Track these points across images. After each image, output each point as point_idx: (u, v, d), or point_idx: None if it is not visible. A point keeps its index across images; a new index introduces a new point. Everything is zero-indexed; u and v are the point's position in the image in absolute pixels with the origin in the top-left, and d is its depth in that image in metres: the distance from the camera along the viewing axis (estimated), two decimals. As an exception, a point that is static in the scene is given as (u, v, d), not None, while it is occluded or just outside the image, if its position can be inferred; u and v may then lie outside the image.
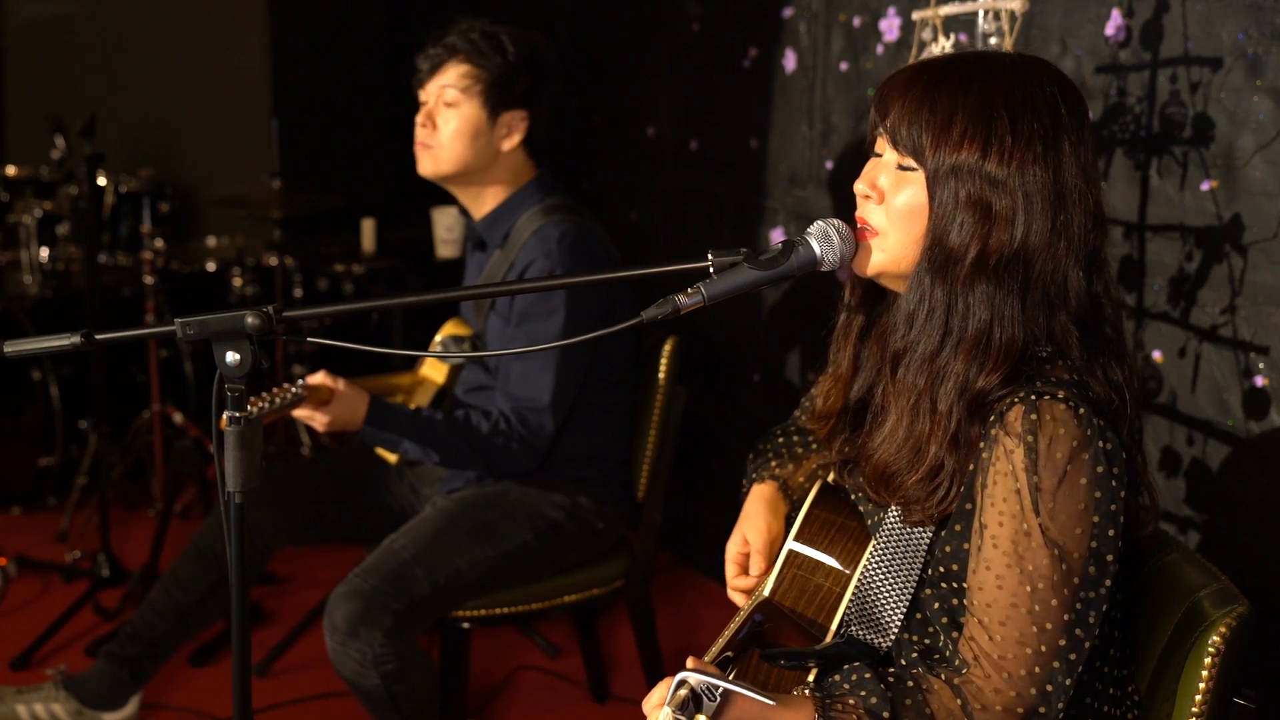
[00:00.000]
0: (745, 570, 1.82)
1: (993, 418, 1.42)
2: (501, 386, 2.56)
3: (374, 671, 2.34)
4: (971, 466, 1.45)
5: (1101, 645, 1.52)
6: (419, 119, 2.62)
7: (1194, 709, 1.44)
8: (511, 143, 2.62)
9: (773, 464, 1.87)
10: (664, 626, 3.02)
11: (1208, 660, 1.43)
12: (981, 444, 1.43)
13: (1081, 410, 1.38)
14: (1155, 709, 1.53)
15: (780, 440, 1.90)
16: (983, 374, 1.42)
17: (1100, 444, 1.38)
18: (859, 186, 1.51)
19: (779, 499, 1.84)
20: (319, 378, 2.37)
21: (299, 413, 2.36)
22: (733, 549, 1.83)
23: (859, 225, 1.51)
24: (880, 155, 1.51)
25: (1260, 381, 2.12)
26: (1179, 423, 2.27)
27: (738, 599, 1.82)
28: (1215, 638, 1.43)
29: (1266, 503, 2.13)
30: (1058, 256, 1.43)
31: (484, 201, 2.69)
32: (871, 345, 1.63)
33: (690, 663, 1.38)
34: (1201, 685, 1.43)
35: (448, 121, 2.58)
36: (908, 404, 1.48)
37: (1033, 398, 1.39)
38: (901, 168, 1.47)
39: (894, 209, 1.48)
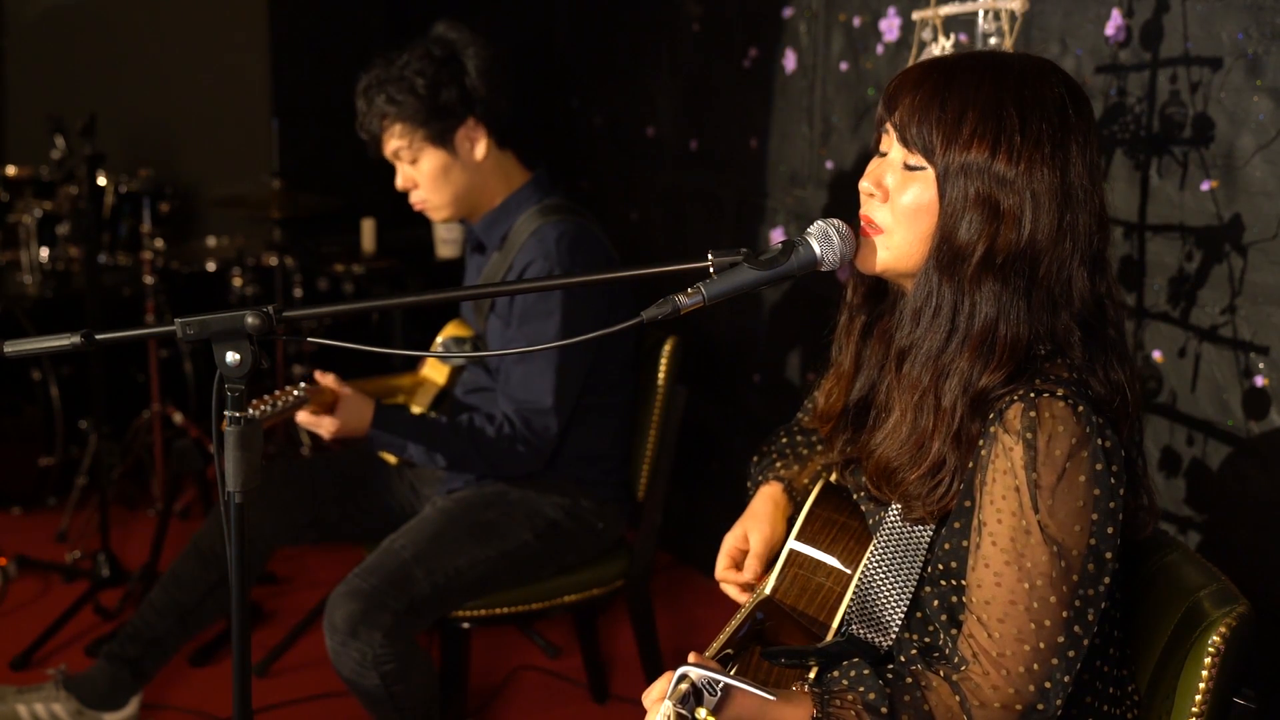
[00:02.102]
0: (737, 566, 1.81)
1: (992, 415, 1.42)
2: (503, 389, 2.56)
3: (374, 671, 2.34)
4: (971, 464, 1.45)
5: (1101, 645, 1.52)
6: (399, 185, 2.65)
7: (1194, 709, 1.44)
8: (481, 151, 2.62)
9: (778, 465, 1.87)
10: (664, 626, 3.02)
11: (1208, 660, 1.43)
12: (981, 441, 1.43)
13: (1080, 408, 1.39)
14: (1155, 709, 1.53)
15: (784, 441, 1.90)
16: (987, 371, 1.43)
17: (1099, 441, 1.39)
18: (864, 184, 1.51)
19: (785, 501, 1.84)
20: (329, 380, 2.39)
21: (305, 419, 2.36)
22: (730, 542, 1.82)
23: (863, 223, 1.51)
24: (885, 153, 1.51)
25: (1260, 381, 2.12)
26: (1179, 423, 2.27)
27: (727, 590, 1.82)
28: (1215, 638, 1.43)
29: (1266, 503, 2.13)
30: (1063, 256, 1.44)
31: (481, 208, 2.69)
32: (874, 344, 1.63)
33: (692, 658, 1.38)
34: (1201, 685, 1.43)
35: (421, 175, 2.61)
36: (912, 400, 1.48)
37: (1031, 395, 1.40)
38: (909, 166, 1.47)
39: (899, 207, 1.48)
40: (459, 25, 2.65)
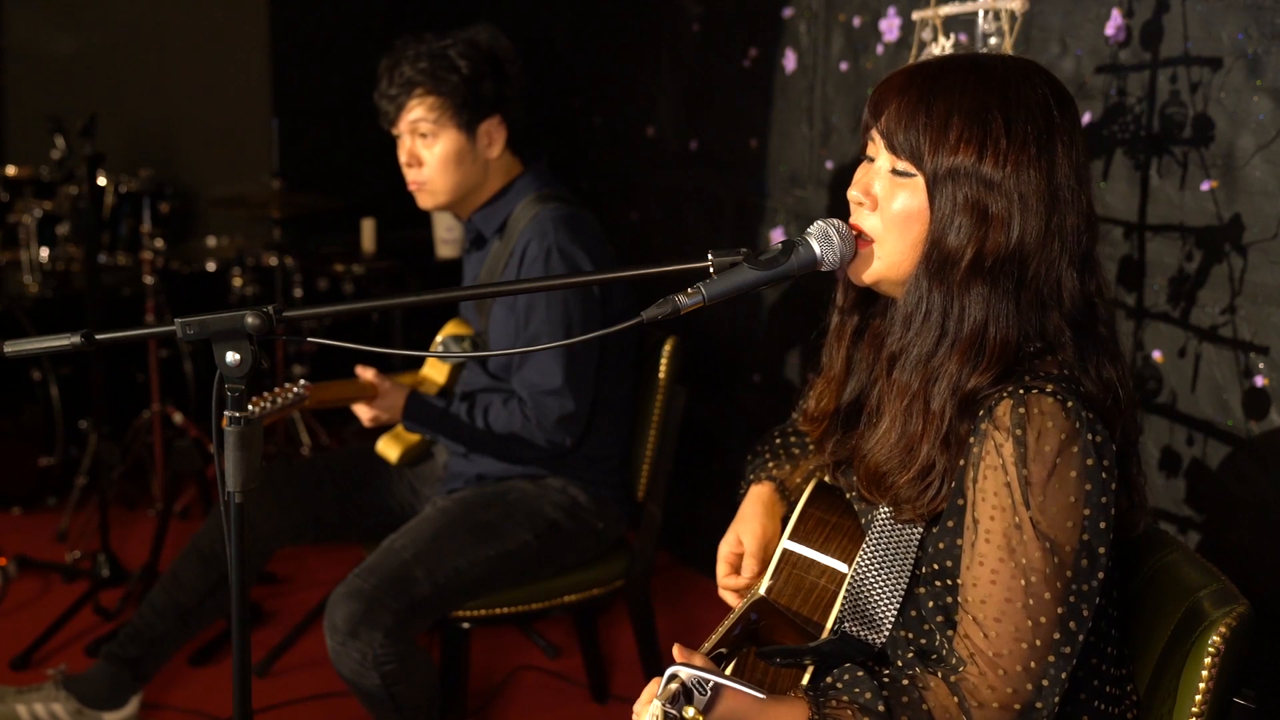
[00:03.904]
0: (737, 570, 1.82)
1: (982, 412, 1.42)
2: (516, 376, 2.59)
3: (374, 672, 2.35)
4: (962, 462, 1.45)
5: (1098, 644, 1.52)
6: (403, 159, 2.63)
7: (1194, 709, 1.44)
8: (497, 149, 2.64)
9: (770, 465, 1.87)
10: (664, 626, 3.02)
11: (1208, 660, 1.43)
12: (971, 439, 1.43)
13: (1070, 404, 1.39)
14: (1155, 709, 1.53)
15: (778, 441, 1.90)
16: (975, 374, 1.43)
17: (1089, 437, 1.39)
18: (852, 193, 1.52)
19: (776, 500, 1.85)
20: (370, 374, 2.54)
21: (358, 409, 2.55)
22: (725, 549, 1.83)
23: (854, 233, 1.52)
24: (873, 159, 1.51)
25: (1260, 381, 2.12)
26: (1179, 423, 2.27)
27: (728, 598, 1.82)
28: (1215, 638, 1.43)
29: (1266, 503, 2.13)
30: (1051, 257, 1.44)
31: (471, 204, 2.70)
32: (865, 347, 1.63)
33: (678, 652, 1.38)
34: (1201, 685, 1.43)
35: (431, 154, 2.60)
36: (901, 405, 1.48)
37: (1021, 392, 1.40)
38: (896, 173, 1.47)
39: (889, 214, 1.48)
40: (497, 31, 2.68)
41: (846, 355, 1.65)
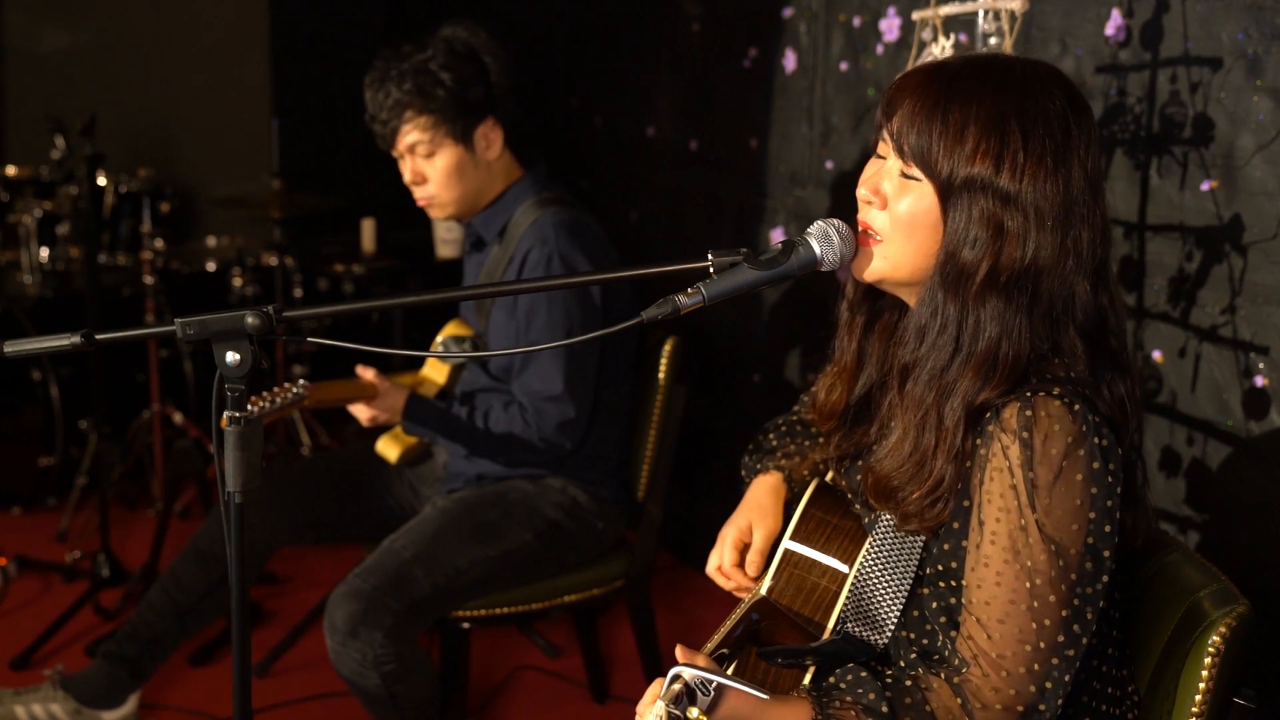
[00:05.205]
0: (741, 557, 1.81)
1: (989, 414, 1.42)
2: (517, 380, 2.59)
3: (374, 672, 2.35)
4: (968, 464, 1.45)
5: (1099, 644, 1.52)
6: (407, 178, 2.64)
7: (1194, 709, 1.44)
8: (496, 150, 2.64)
9: (777, 455, 1.86)
10: (664, 626, 3.02)
11: (1208, 660, 1.43)
12: (979, 440, 1.43)
13: (1076, 406, 1.39)
14: (1155, 709, 1.53)
15: (783, 429, 1.89)
16: (987, 388, 1.42)
17: (1096, 440, 1.39)
18: (861, 191, 1.51)
19: (786, 492, 1.84)
20: (370, 374, 2.53)
21: (354, 409, 2.54)
22: (735, 535, 1.81)
23: (861, 229, 1.51)
24: (884, 158, 1.50)
25: (1260, 381, 2.12)
26: (1179, 423, 2.27)
27: (720, 581, 1.81)
28: (1215, 638, 1.43)
29: (1266, 503, 2.13)
30: (1065, 272, 1.43)
31: (479, 207, 2.70)
32: (875, 340, 1.63)
33: (681, 653, 1.38)
34: (1201, 685, 1.43)
35: (434, 170, 2.60)
36: (915, 418, 1.47)
37: (1028, 394, 1.40)
38: (905, 175, 1.46)
39: (896, 215, 1.47)
40: (474, 26, 2.65)
41: (858, 347, 1.64)
